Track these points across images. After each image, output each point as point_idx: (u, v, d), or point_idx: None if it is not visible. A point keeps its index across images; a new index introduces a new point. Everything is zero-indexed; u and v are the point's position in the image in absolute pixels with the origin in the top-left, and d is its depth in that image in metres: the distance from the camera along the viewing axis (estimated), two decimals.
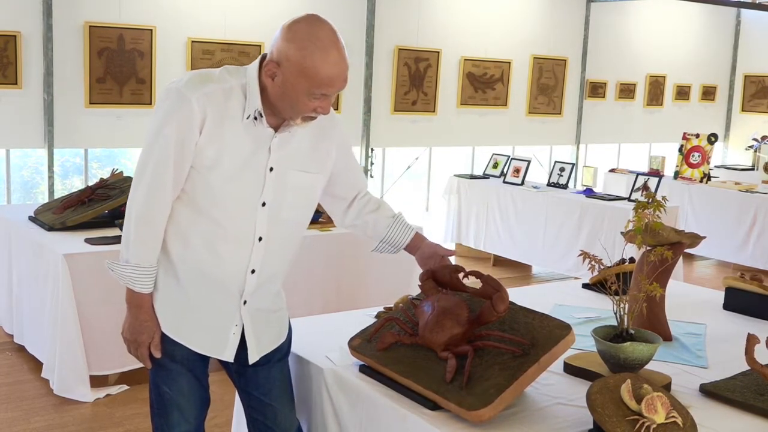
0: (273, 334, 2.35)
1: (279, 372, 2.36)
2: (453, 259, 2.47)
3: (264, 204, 2.18)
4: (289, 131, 2.19)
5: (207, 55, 7.85)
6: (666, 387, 2.21)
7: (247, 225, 2.18)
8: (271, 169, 2.17)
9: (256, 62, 2.15)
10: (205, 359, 2.31)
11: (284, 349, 2.39)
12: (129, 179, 4.89)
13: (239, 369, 2.36)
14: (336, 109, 8.62)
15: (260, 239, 2.20)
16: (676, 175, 8.45)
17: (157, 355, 2.22)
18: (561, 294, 3.27)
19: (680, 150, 8.48)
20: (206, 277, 2.19)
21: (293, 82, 2.06)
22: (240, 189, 2.15)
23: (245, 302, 2.24)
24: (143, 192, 2.12)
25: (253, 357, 2.28)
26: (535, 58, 10.20)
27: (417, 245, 2.46)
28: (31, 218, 4.77)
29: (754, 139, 10.38)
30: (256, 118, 2.13)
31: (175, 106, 2.08)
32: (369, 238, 2.50)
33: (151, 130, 2.12)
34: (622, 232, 2.66)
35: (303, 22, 2.07)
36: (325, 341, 2.52)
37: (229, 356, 2.26)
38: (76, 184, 8.45)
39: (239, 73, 2.17)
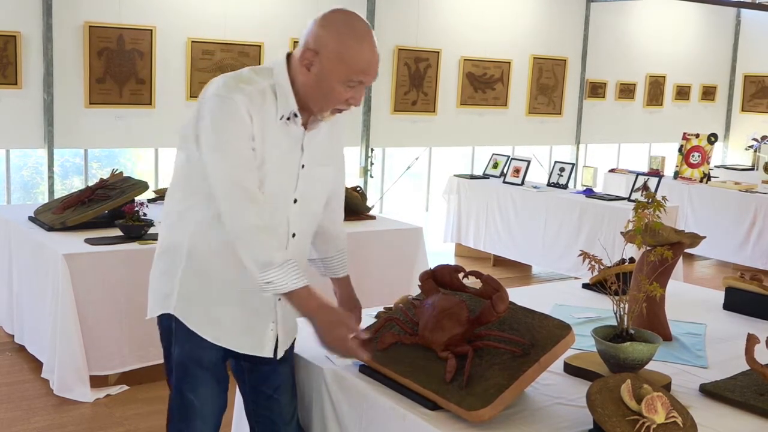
0: (294, 328, 2.39)
1: (288, 367, 2.39)
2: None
3: (296, 201, 2.22)
4: (317, 128, 2.22)
5: (207, 55, 7.85)
6: (666, 387, 2.21)
7: (281, 223, 2.20)
8: (303, 167, 2.21)
9: (282, 61, 2.16)
10: (224, 363, 2.32)
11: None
12: (129, 179, 4.89)
13: (252, 367, 2.37)
14: None
15: (294, 235, 2.23)
16: (676, 175, 8.45)
17: (364, 335, 2.16)
18: (561, 294, 3.26)
19: (680, 150, 8.48)
20: (244, 278, 2.13)
21: (331, 69, 2.07)
22: (275, 187, 2.17)
23: (279, 298, 2.24)
24: (242, 206, 2.06)
25: (281, 352, 2.30)
26: (535, 58, 10.20)
27: (341, 287, 2.58)
28: (31, 218, 4.77)
29: (754, 139, 10.38)
30: (289, 119, 2.16)
31: (230, 114, 2.06)
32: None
33: (214, 142, 2.07)
34: (622, 232, 2.65)
35: (339, 13, 2.11)
36: None
37: (269, 352, 2.28)
38: (76, 184, 8.45)
39: (264, 73, 2.16)
